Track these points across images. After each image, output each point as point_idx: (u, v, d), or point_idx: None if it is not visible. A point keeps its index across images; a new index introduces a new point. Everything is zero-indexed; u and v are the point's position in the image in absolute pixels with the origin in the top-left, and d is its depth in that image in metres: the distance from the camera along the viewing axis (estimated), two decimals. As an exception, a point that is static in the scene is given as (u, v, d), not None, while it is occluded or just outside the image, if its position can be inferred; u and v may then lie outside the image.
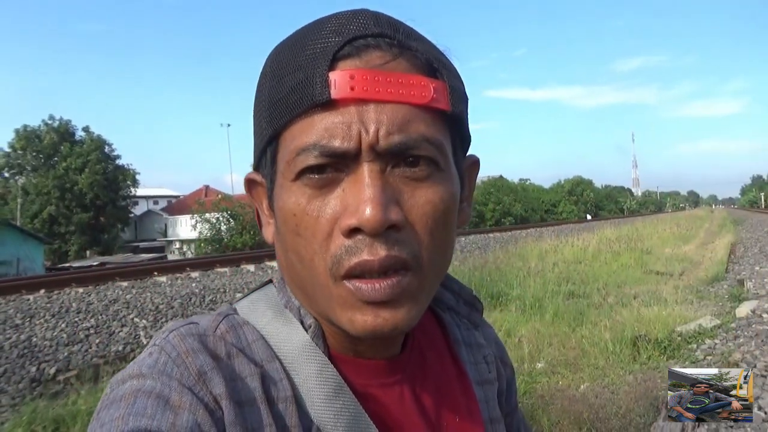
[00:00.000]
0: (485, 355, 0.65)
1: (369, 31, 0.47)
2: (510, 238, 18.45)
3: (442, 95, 0.48)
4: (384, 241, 0.44)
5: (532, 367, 4.81)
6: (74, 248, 30.70)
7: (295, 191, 0.47)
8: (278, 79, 0.48)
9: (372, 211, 0.43)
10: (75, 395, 4.39)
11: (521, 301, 7.24)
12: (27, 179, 31.61)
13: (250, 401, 0.47)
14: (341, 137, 0.45)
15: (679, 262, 12.10)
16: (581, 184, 60.44)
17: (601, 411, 3.78)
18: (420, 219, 0.47)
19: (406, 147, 0.45)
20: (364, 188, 0.44)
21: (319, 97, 0.45)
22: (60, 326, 6.30)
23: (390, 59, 0.46)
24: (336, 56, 0.46)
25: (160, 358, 0.47)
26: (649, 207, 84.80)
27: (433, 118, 0.47)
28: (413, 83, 0.46)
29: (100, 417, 0.44)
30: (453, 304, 0.65)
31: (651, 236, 18.34)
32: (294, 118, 0.46)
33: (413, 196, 0.47)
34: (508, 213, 42.07)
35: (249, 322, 0.53)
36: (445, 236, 0.49)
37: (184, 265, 11.39)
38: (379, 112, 0.45)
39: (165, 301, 7.53)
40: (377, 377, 0.54)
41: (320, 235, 0.46)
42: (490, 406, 0.62)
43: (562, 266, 10.90)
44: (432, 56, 0.49)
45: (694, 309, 6.63)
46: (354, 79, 0.45)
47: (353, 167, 0.46)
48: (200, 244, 25.26)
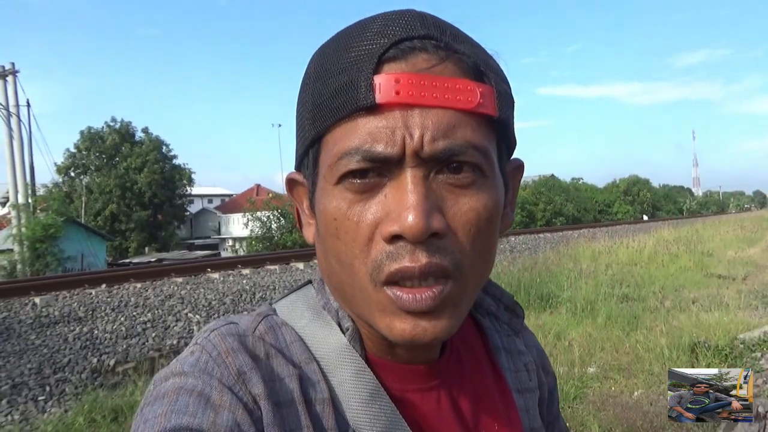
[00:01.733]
0: (526, 362, 0.64)
1: (415, 33, 0.46)
2: (561, 238, 18.03)
3: (489, 100, 0.47)
4: (425, 249, 0.44)
5: (583, 372, 4.68)
6: (134, 245, 31.97)
7: (336, 195, 0.47)
8: (322, 81, 0.47)
9: (414, 219, 0.43)
10: (132, 386, 4.58)
11: (572, 303, 7.07)
12: (91, 178, 33.12)
13: (288, 402, 0.48)
14: (385, 142, 0.44)
15: (742, 265, 11.52)
16: (637, 184, 58.40)
17: (656, 419, 3.65)
18: (463, 227, 0.46)
19: (450, 153, 0.45)
20: (406, 194, 0.44)
21: (364, 101, 0.44)
22: (119, 320, 6.58)
23: (436, 63, 0.45)
24: (381, 59, 0.45)
25: (201, 357, 0.48)
26: (710, 208, 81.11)
27: (479, 124, 0.46)
28: (459, 88, 0.45)
29: (143, 413, 0.45)
30: (493, 309, 0.64)
31: (712, 238, 17.54)
32: (337, 122, 0.46)
33: (456, 203, 0.46)
34: (560, 213, 41.13)
35: (287, 323, 0.54)
36: (488, 244, 0.48)
37: (236, 263, 11.69)
38: (424, 117, 0.44)
39: (217, 297, 7.75)
40: (414, 382, 0.53)
41: (361, 240, 0.46)
42: (531, 415, 0.61)
43: (615, 268, 10.57)
44: (479, 59, 0.48)
45: (758, 315, 6.30)
46: (399, 83, 0.44)
47: (396, 173, 0.45)
48: (251, 241, 25.86)
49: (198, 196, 45.99)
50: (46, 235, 17.58)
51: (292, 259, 12.37)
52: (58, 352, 5.40)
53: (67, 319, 6.58)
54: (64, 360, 5.19)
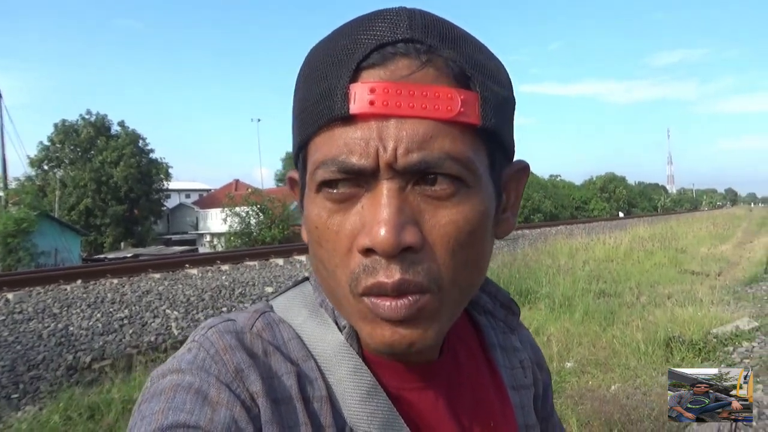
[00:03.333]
0: (521, 359, 0.64)
1: (400, 36, 0.44)
2: (539, 235, 18.23)
3: (471, 108, 0.44)
4: (399, 263, 0.43)
5: (561, 367, 4.75)
6: (109, 240, 31.49)
7: (317, 203, 0.46)
8: (307, 87, 0.47)
9: (385, 234, 0.42)
10: (109, 384, 4.52)
11: (550, 299, 7.16)
12: (65, 172, 32.51)
13: (286, 399, 0.47)
14: (359, 154, 0.43)
15: (715, 261, 11.79)
16: (614, 181, 59.33)
17: (633, 413, 3.72)
18: (441, 239, 0.45)
19: (426, 165, 0.43)
20: (380, 208, 0.43)
21: (339, 110, 0.43)
22: (95, 316, 6.48)
23: (416, 69, 0.44)
24: (360, 66, 0.44)
25: (198, 354, 0.48)
26: (684, 205, 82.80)
27: (462, 133, 0.44)
28: (438, 96, 0.43)
29: (141, 410, 0.45)
30: (490, 307, 0.64)
31: (686, 235, 17.91)
32: (318, 130, 0.45)
33: (435, 216, 0.44)
34: (538, 210, 41.59)
35: (285, 320, 0.54)
36: (473, 254, 0.47)
37: (215, 258, 11.59)
38: (398, 129, 0.43)
39: (196, 293, 7.67)
40: (411, 380, 0.53)
41: (341, 250, 0.45)
42: (526, 411, 0.61)
43: (592, 264, 10.73)
44: (466, 63, 0.45)
45: (731, 310, 6.46)
46: (374, 92, 0.43)
47: (373, 184, 0.44)
48: (230, 237, 25.65)
49: (175, 191, 45.48)
50: (18, 230, 17.23)
51: (271, 255, 12.30)
52: (32, 349, 5.29)
53: (42, 316, 6.45)
54: (39, 357, 5.10)
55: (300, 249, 12.71)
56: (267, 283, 8.54)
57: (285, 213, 24.42)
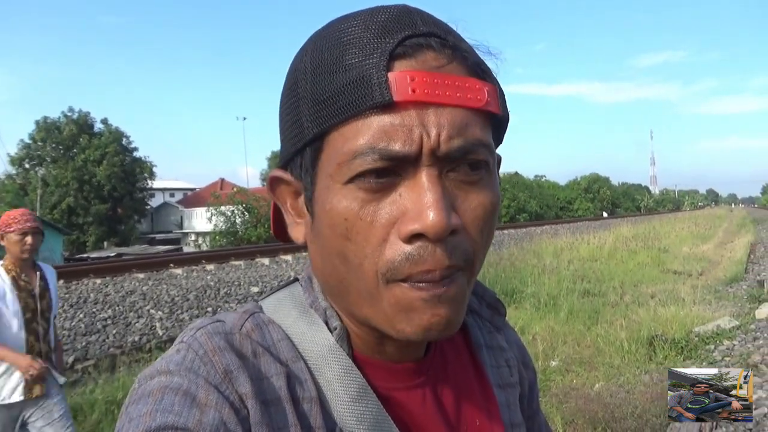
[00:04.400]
0: (507, 358, 0.65)
1: (419, 30, 0.46)
2: (525, 234, 18.35)
3: (494, 98, 0.47)
4: (445, 248, 0.44)
5: (546, 365, 4.79)
6: (92, 239, 31.09)
7: (346, 195, 0.46)
8: (324, 77, 0.46)
9: (436, 217, 0.43)
10: (92, 384, 4.47)
11: (536, 298, 7.22)
12: (47, 170, 32.02)
13: (276, 401, 0.47)
14: (402, 141, 0.44)
15: (697, 261, 11.96)
16: (598, 182, 59.94)
17: (616, 411, 3.76)
18: (473, 222, 0.47)
19: (465, 151, 0.45)
20: (425, 193, 0.44)
21: (379, 98, 0.43)
22: (78, 316, 6.40)
23: (446, 62, 0.45)
24: (392, 55, 0.44)
25: (187, 356, 0.48)
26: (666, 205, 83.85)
27: (485, 122, 0.47)
28: (468, 86, 0.45)
29: (128, 412, 0.45)
30: (476, 307, 0.65)
31: (668, 235, 18.15)
32: (346, 119, 0.45)
33: (466, 200, 0.46)
34: (523, 209, 41.86)
35: (274, 321, 0.53)
36: (491, 236, 0.50)
37: (200, 258, 11.51)
38: (438, 116, 0.44)
39: (180, 293, 7.61)
40: (401, 380, 0.53)
41: (374, 240, 0.45)
42: (512, 410, 0.62)
43: (577, 264, 10.83)
44: (478, 58, 0.48)
45: (712, 309, 6.56)
46: (414, 81, 0.44)
47: (411, 171, 0.45)
48: (215, 236, 25.48)
49: (159, 190, 45.04)
50: (-2, 229, 16.94)
51: (257, 255, 12.24)
52: (13, 350, 5.21)
53: (23, 316, 6.35)
54: (20, 358, 5.02)
55: (286, 248, 12.66)
56: (253, 283, 8.49)
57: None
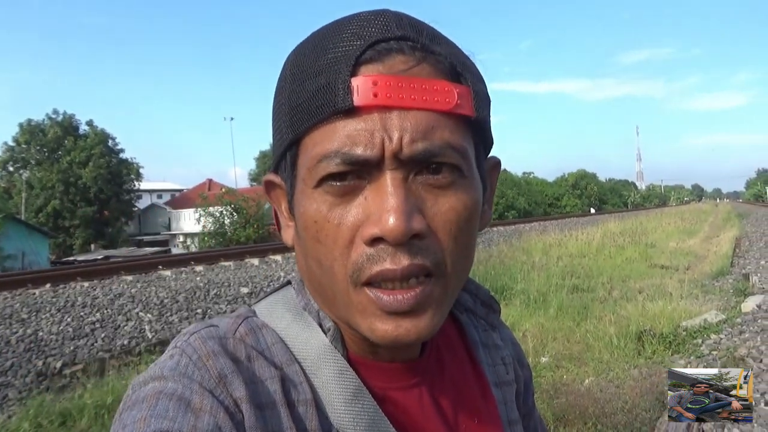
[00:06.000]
0: (503, 356, 0.65)
1: (391, 34, 0.46)
2: (514, 231, 18.43)
3: (466, 101, 0.47)
4: (407, 251, 0.44)
5: (536, 362, 4.81)
6: (79, 242, 30.76)
7: (316, 198, 0.46)
8: (299, 83, 0.47)
9: (395, 221, 0.43)
10: (81, 389, 4.42)
11: (525, 295, 7.25)
12: (31, 173, 31.66)
13: (271, 404, 0.47)
14: (364, 145, 0.44)
15: (683, 256, 12.08)
16: (585, 178, 60.39)
17: (606, 406, 3.79)
18: (443, 226, 0.46)
19: (429, 154, 0.45)
20: (387, 197, 0.44)
21: (342, 103, 0.44)
22: (66, 320, 6.34)
23: (413, 64, 0.46)
24: (358, 61, 0.45)
25: (181, 361, 0.47)
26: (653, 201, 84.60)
27: (457, 124, 0.47)
28: (437, 89, 0.45)
29: (122, 418, 0.44)
30: (470, 305, 0.65)
31: (655, 230, 18.31)
32: (315, 124, 0.46)
33: (436, 204, 0.46)
34: (512, 206, 42.05)
35: (268, 325, 0.53)
36: (468, 242, 0.49)
37: (189, 259, 11.43)
38: (402, 119, 0.44)
39: (170, 295, 7.55)
40: (396, 380, 0.53)
41: (341, 242, 0.46)
42: (509, 407, 0.62)
43: (566, 260, 10.89)
44: (455, 60, 0.48)
45: (699, 304, 6.62)
46: (377, 85, 0.44)
47: (376, 175, 0.45)
48: (204, 237, 25.32)
49: (147, 191, 44.68)
50: (-17, 233, 16.72)
51: (247, 255, 12.18)
52: (0, 356, 5.15)
53: (9, 321, 6.28)
54: (7, 363, 4.96)
55: (275, 248, 12.62)
56: (242, 284, 8.45)
57: (259, 212, 24.21)
